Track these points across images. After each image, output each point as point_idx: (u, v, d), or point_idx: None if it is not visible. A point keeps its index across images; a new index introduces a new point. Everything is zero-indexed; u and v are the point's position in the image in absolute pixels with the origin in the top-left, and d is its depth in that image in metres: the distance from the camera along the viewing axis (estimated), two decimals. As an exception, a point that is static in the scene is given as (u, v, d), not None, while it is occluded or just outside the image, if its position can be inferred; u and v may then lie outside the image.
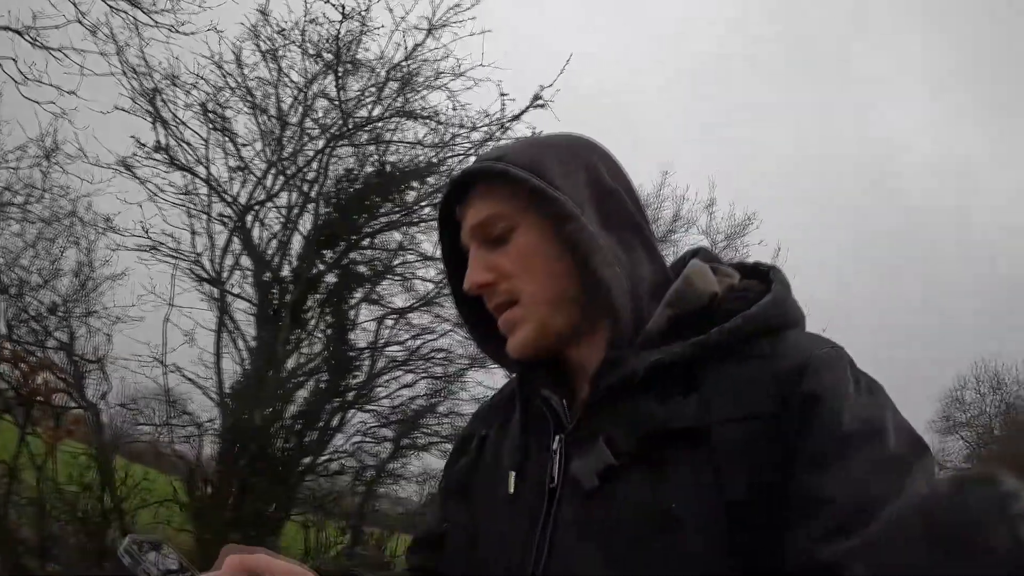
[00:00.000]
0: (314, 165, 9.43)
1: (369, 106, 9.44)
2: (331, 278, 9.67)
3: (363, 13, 8.80)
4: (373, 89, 9.36)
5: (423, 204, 9.95)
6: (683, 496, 0.82)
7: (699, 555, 0.79)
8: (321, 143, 9.40)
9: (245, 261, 9.15)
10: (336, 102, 9.28)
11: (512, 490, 0.98)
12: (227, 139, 8.99)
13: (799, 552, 0.75)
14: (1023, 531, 0.54)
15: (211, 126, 8.84)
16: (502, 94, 8.75)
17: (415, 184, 9.87)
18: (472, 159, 9.30)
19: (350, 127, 9.30)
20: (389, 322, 10.69)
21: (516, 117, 9.10)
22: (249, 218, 9.07)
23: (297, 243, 9.49)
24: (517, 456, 1.00)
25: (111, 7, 7.79)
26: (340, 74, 9.13)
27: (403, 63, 9.27)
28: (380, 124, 9.50)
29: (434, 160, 9.72)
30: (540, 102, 8.86)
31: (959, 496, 0.59)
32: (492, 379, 12.92)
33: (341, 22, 8.75)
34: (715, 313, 0.94)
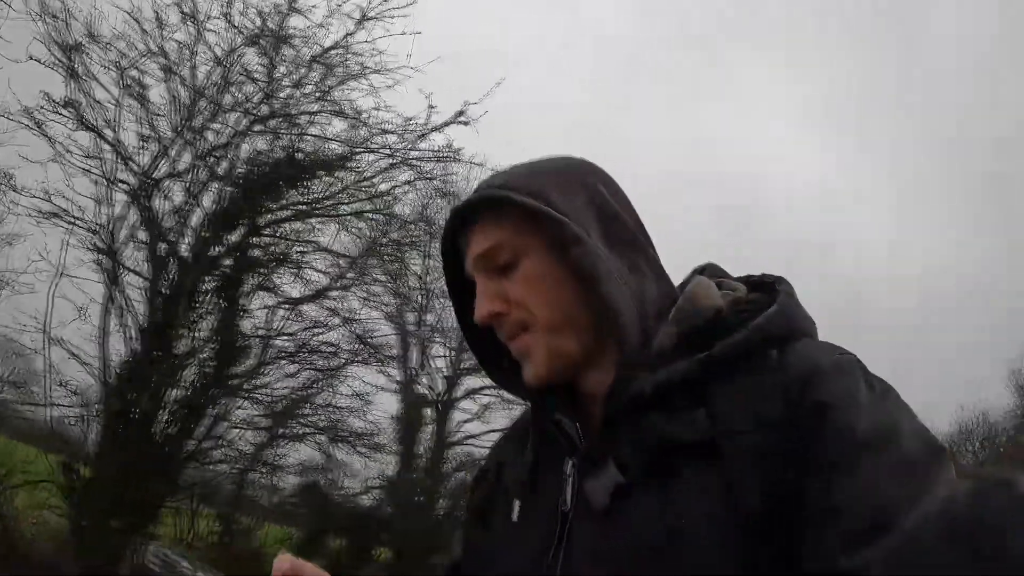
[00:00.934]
0: (224, 141, 9.14)
1: (290, 89, 9.27)
2: (228, 260, 9.42)
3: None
4: (296, 72, 9.19)
5: (330, 197, 9.91)
6: (695, 511, 0.82)
7: (712, 569, 0.79)
8: (233, 119, 9.14)
9: (141, 234, 8.75)
10: (257, 79, 9.05)
11: (516, 518, 0.99)
12: (140, 105, 8.56)
13: (820, 562, 0.74)
14: None
15: (125, 89, 8.39)
16: (430, 105, 8.80)
17: (325, 176, 9.77)
18: (386, 160, 9.33)
19: (269, 108, 9.07)
20: (281, 312, 10.53)
21: (437, 128, 9.21)
22: (151, 188, 8.66)
23: (196, 220, 9.18)
24: (526, 483, 1.00)
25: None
26: (264, 48, 8.89)
27: (330, 51, 9.16)
28: (299, 111, 9.34)
29: (347, 155, 9.65)
30: (464, 119, 9.00)
31: (979, 500, 0.58)
32: (372, 375, 12.97)
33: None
34: (720, 327, 0.93)
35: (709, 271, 1.06)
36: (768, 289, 1.00)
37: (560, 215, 0.94)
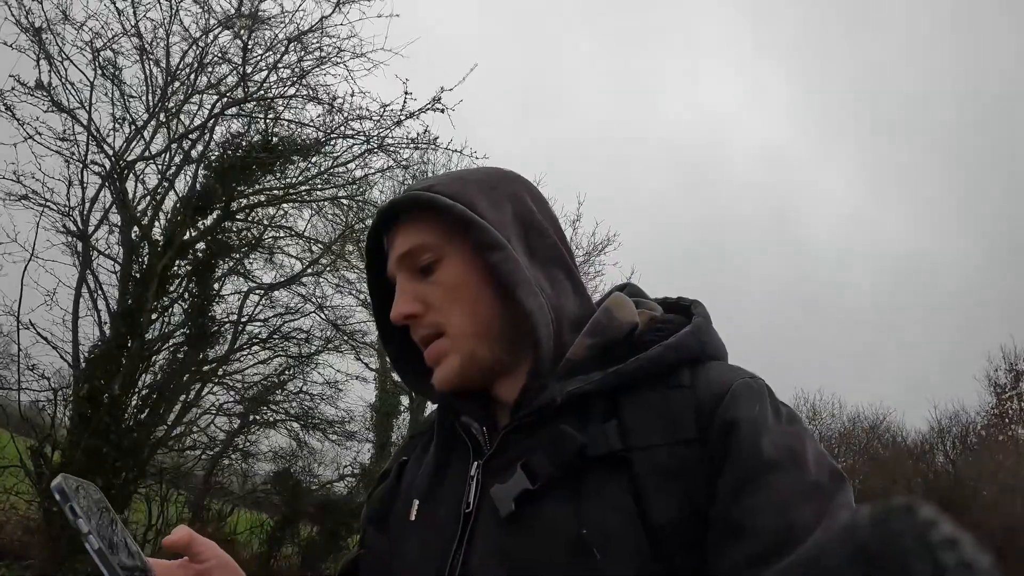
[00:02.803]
0: (198, 122, 9.06)
1: (265, 72, 9.18)
2: (201, 245, 9.34)
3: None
4: (271, 55, 9.09)
5: (305, 182, 9.85)
6: (599, 522, 0.82)
7: None
8: (210, 101, 9.04)
9: (114, 217, 8.65)
10: (232, 61, 8.95)
11: (414, 517, 0.98)
12: (115, 86, 8.45)
13: None
14: (944, 559, 0.54)
15: (99, 70, 8.28)
16: (406, 92, 8.71)
17: (299, 161, 9.70)
18: (361, 147, 9.27)
19: (244, 91, 8.97)
20: (254, 297, 10.50)
21: (412, 115, 9.13)
22: (125, 171, 8.55)
23: (170, 204, 9.09)
24: (426, 483, 1.01)
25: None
26: (240, 30, 8.79)
27: (306, 34, 9.08)
28: (274, 94, 9.25)
29: (322, 140, 9.58)
30: (439, 106, 8.92)
31: (880, 525, 0.58)
32: (346, 363, 12.97)
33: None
34: (635, 343, 0.95)
35: (628, 290, 1.09)
36: (684, 312, 1.03)
37: (484, 221, 0.95)
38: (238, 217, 9.63)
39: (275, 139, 9.38)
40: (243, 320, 10.36)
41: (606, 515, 0.82)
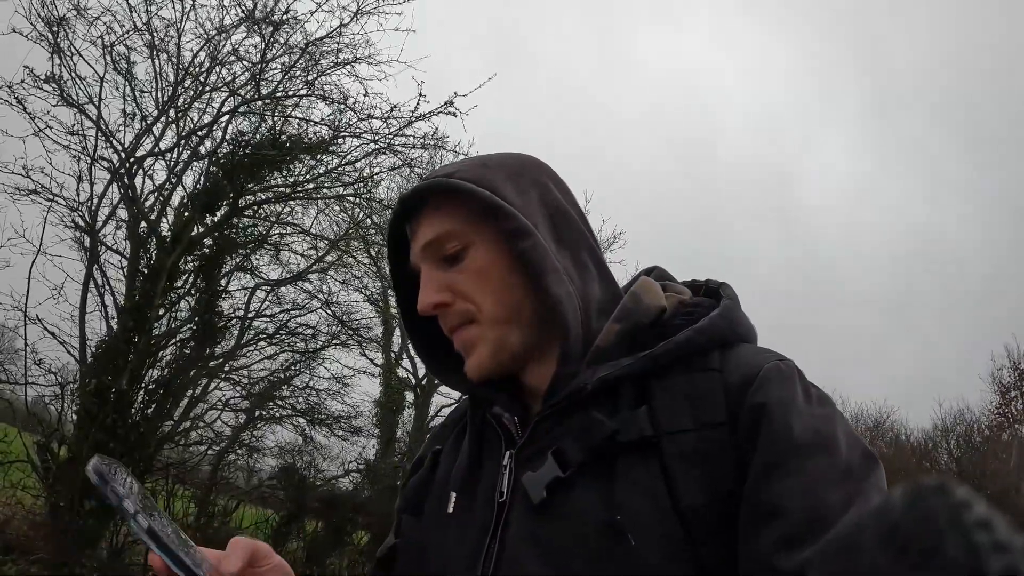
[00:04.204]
0: (207, 119, 9.06)
1: (279, 72, 9.18)
2: (208, 241, 9.36)
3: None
4: (285, 56, 9.09)
5: (312, 180, 9.86)
6: (632, 507, 0.82)
7: (649, 566, 0.79)
8: (220, 99, 9.04)
9: (122, 212, 8.67)
10: (244, 60, 8.95)
11: (451, 509, 0.98)
12: (125, 82, 8.45)
13: (756, 562, 0.76)
14: (978, 540, 0.53)
15: (112, 66, 8.28)
16: (420, 94, 8.71)
17: (307, 159, 9.71)
18: (371, 146, 9.27)
19: (255, 89, 8.97)
20: (261, 294, 10.53)
21: (424, 116, 9.10)
22: (133, 166, 8.57)
23: (178, 200, 9.11)
24: (462, 475, 1.00)
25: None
26: (256, 30, 8.79)
27: (323, 40, 9.08)
28: (285, 93, 9.25)
29: (331, 138, 9.58)
30: (452, 109, 8.91)
31: (913, 506, 0.57)
32: (352, 358, 12.99)
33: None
34: (663, 328, 0.94)
35: (656, 273, 1.08)
36: (712, 294, 1.02)
37: (511, 208, 0.94)
38: (245, 214, 9.65)
39: (284, 137, 9.38)
40: (250, 316, 10.41)
41: (637, 500, 0.82)
